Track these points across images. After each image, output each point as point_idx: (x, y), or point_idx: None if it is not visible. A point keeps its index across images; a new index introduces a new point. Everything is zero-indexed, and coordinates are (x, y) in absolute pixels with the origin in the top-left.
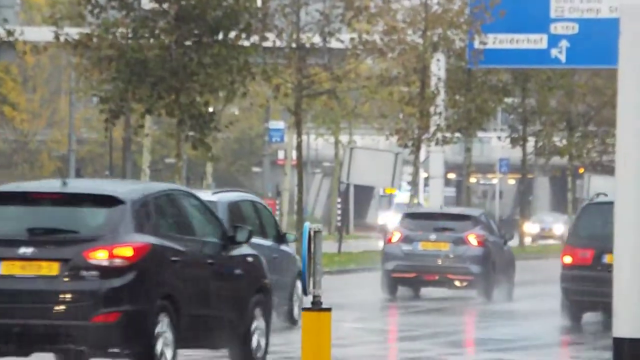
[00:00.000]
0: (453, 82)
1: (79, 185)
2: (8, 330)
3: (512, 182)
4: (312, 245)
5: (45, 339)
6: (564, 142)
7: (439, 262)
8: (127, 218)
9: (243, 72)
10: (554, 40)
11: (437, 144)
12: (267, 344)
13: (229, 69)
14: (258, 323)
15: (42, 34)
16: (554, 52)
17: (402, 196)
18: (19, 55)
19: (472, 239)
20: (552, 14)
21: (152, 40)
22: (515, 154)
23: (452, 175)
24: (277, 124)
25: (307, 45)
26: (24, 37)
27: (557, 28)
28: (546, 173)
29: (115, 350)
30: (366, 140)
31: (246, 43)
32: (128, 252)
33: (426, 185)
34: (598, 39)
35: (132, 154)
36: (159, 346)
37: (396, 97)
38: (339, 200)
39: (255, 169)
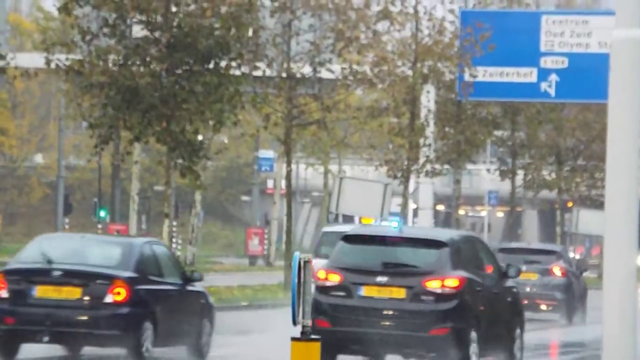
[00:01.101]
0: (443, 113)
1: (411, 232)
2: (368, 337)
3: (500, 214)
4: (302, 275)
5: (393, 346)
6: (553, 175)
7: (528, 289)
8: (450, 257)
9: (233, 101)
10: (543, 74)
11: (426, 175)
12: (522, 356)
13: (219, 97)
14: (518, 339)
15: (33, 59)
16: (543, 85)
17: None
18: (9, 80)
19: (557, 270)
20: (542, 48)
21: (143, 68)
22: (504, 186)
23: (441, 207)
24: (267, 153)
25: (298, 75)
26: (15, 62)
27: (546, 62)
28: (535, 206)
29: (432, 354)
30: (355, 171)
31: (237, 72)
32: (454, 282)
33: (415, 216)
34: (587, 73)
35: (121, 181)
36: (472, 356)
37: (386, 128)
38: None
39: (245, 198)
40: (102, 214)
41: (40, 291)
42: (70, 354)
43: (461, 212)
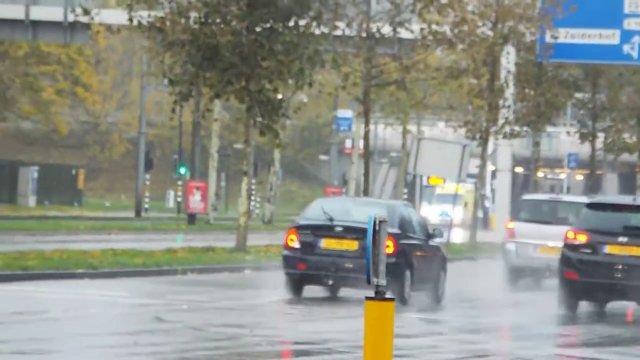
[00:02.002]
0: (523, 75)
1: None
2: (610, 287)
3: (580, 177)
4: (377, 235)
5: (632, 294)
6: (634, 138)
7: None
8: None
9: (313, 60)
10: (626, 35)
11: (505, 137)
12: None
13: (299, 56)
14: None
15: (116, 16)
16: (626, 48)
17: (448, 187)
18: (92, 36)
19: None
20: (626, 9)
21: (223, 26)
22: (584, 149)
23: (519, 169)
24: (345, 112)
25: (377, 35)
26: (99, 18)
27: (630, 23)
28: (615, 169)
29: None
30: (434, 131)
31: (316, 31)
32: None
33: (493, 177)
34: None
35: (201, 139)
36: None
37: (465, 89)
38: (405, 190)
39: (323, 157)
40: (182, 170)
41: (325, 243)
42: (331, 295)
43: (540, 174)
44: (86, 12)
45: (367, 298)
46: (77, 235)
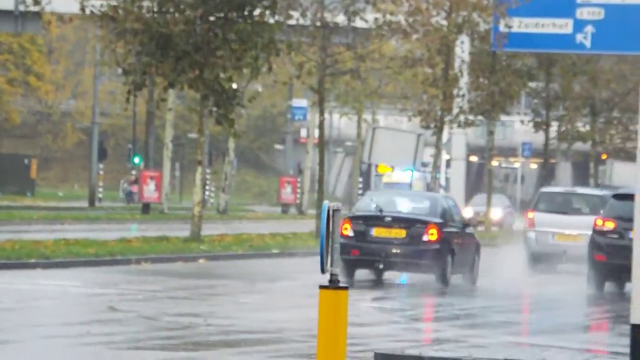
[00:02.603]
0: (477, 64)
1: None
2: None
3: (534, 166)
4: (331, 224)
5: None
6: (587, 127)
7: None
8: None
9: (268, 48)
10: (579, 25)
11: (459, 126)
12: None
13: (253, 45)
14: None
15: (68, 5)
16: (579, 37)
17: (395, 176)
18: (44, 26)
19: None
20: None
21: (177, 15)
22: (538, 138)
23: (474, 158)
24: (300, 102)
25: (331, 24)
26: (51, 7)
27: (583, 13)
28: (568, 158)
29: None
30: (389, 121)
31: (271, 20)
32: None
33: (448, 167)
34: (624, 25)
35: (156, 128)
36: None
37: (420, 78)
38: (360, 179)
39: (278, 147)
40: (136, 160)
41: (375, 232)
42: (377, 279)
43: (494, 163)
44: (36, 2)
45: (322, 286)
46: (30, 225)
